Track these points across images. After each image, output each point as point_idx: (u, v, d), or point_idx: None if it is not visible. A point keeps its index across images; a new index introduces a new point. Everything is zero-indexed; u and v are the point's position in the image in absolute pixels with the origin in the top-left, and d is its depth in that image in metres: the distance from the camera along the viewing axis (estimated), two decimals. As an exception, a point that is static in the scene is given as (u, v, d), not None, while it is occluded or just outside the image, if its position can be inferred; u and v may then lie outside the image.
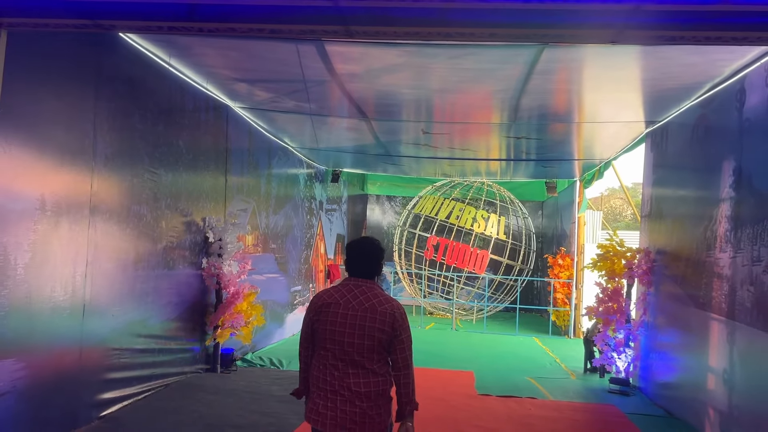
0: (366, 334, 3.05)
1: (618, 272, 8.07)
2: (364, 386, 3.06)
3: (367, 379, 3.07)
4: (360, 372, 3.06)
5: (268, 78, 6.73)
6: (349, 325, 3.07)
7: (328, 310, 3.12)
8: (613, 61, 5.60)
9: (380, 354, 3.10)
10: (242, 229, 8.45)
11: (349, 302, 3.12)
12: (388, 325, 3.07)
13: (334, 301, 3.14)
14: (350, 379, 3.05)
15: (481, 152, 10.86)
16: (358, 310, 3.08)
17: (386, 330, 3.07)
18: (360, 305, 3.10)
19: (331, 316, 3.10)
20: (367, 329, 3.06)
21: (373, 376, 3.08)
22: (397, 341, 3.11)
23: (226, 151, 8.06)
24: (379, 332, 3.06)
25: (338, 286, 3.23)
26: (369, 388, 3.06)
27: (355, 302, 3.11)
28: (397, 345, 3.11)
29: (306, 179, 12.13)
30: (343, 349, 3.06)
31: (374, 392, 3.06)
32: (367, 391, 3.05)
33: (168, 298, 6.62)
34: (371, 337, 3.05)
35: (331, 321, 3.09)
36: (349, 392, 3.04)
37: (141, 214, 5.98)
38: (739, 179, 5.39)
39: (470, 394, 7.31)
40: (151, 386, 6.28)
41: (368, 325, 3.06)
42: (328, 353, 3.10)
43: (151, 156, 6.14)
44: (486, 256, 14.85)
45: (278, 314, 10.45)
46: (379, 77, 6.28)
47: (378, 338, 3.06)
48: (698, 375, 6.09)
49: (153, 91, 6.18)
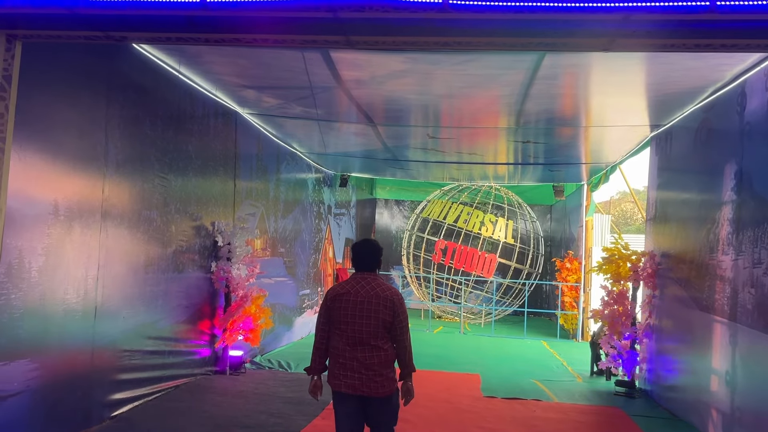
0: (372, 317, 3.76)
1: (623, 275, 8.11)
2: (368, 359, 3.76)
3: (372, 353, 3.76)
4: (366, 347, 3.76)
5: (276, 85, 6.86)
6: (358, 310, 3.78)
7: (341, 299, 3.83)
8: (616, 66, 5.67)
9: (383, 333, 3.78)
10: (251, 233, 8.59)
11: (358, 292, 3.82)
12: (389, 309, 3.79)
13: (345, 292, 3.85)
14: (358, 354, 3.76)
15: (488, 156, 10.94)
16: (365, 298, 3.79)
17: (387, 313, 3.78)
18: (366, 294, 3.80)
19: (344, 303, 3.81)
20: (372, 312, 3.77)
21: (377, 350, 3.77)
22: (397, 321, 3.82)
23: (235, 157, 8.20)
24: (383, 314, 3.77)
25: (348, 280, 3.95)
26: (373, 360, 3.76)
27: (362, 291, 3.82)
28: (396, 325, 3.82)
29: (314, 184, 12.26)
30: (354, 329, 3.77)
31: (377, 363, 3.76)
32: (371, 363, 3.76)
33: (178, 301, 6.75)
34: (376, 319, 3.76)
35: (344, 308, 3.80)
36: (358, 363, 3.76)
37: (151, 218, 6.12)
38: (740, 182, 5.44)
39: (476, 396, 7.38)
40: (162, 387, 6.41)
41: (373, 309, 3.77)
42: (343, 333, 3.80)
43: (161, 162, 6.29)
44: (494, 260, 14.89)
45: (287, 317, 10.57)
46: (385, 83, 6.39)
47: (381, 319, 3.77)
48: (702, 377, 6.12)
49: (163, 98, 6.33)
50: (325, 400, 6.62)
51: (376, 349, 3.77)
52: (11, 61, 3.63)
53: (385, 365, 3.79)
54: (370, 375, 3.75)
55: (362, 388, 3.76)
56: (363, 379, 3.75)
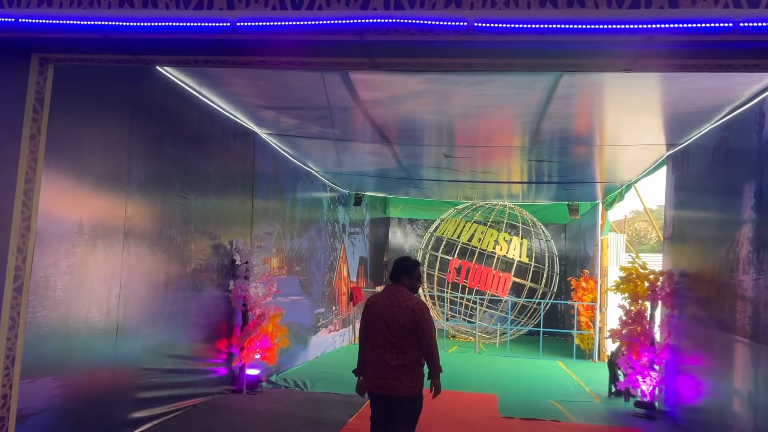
0: (394, 324, 4.25)
1: (641, 294, 8.05)
2: (393, 360, 4.23)
3: (396, 355, 4.24)
4: (388, 351, 4.25)
5: (294, 105, 6.96)
6: (384, 318, 4.30)
7: (371, 308, 4.43)
8: (633, 86, 5.71)
9: (406, 338, 4.22)
10: (268, 252, 8.64)
11: (385, 302, 4.37)
12: (409, 317, 4.24)
13: (376, 301, 4.46)
14: (385, 356, 4.26)
15: (502, 175, 10.98)
16: (391, 307, 4.31)
17: (408, 320, 4.23)
18: (391, 303, 4.33)
19: (372, 311, 4.40)
20: (395, 320, 4.26)
21: (401, 353, 4.23)
22: (420, 329, 4.24)
23: (252, 176, 8.28)
24: (403, 321, 4.23)
25: (381, 291, 4.54)
26: (397, 362, 4.22)
27: (389, 301, 4.36)
28: (420, 332, 4.24)
29: (329, 203, 12.33)
30: (381, 334, 4.28)
31: (400, 365, 4.22)
32: (395, 365, 4.22)
33: (196, 319, 6.79)
34: (398, 325, 4.24)
35: (374, 315, 4.38)
36: (384, 364, 4.24)
37: (171, 237, 6.18)
38: (759, 201, 5.42)
39: (493, 416, 7.32)
40: (180, 406, 6.42)
41: (395, 317, 4.26)
42: (371, 338, 4.35)
43: (182, 181, 6.37)
44: (509, 279, 14.84)
45: (302, 336, 10.57)
46: (402, 103, 6.46)
47: (402, 325, 4.23)
48: (723, 398, 6.05)
49: (184, 119, 6.43)
50: (342, 419, 6.63)
51: (396, 353, 4.22)
52: (44, 84, 3.72)
53: (403, 368, 4.22)
54: (391, 376, 4.23)
55: (384, 387, 4.25)
56: (386, 379, 4.24)
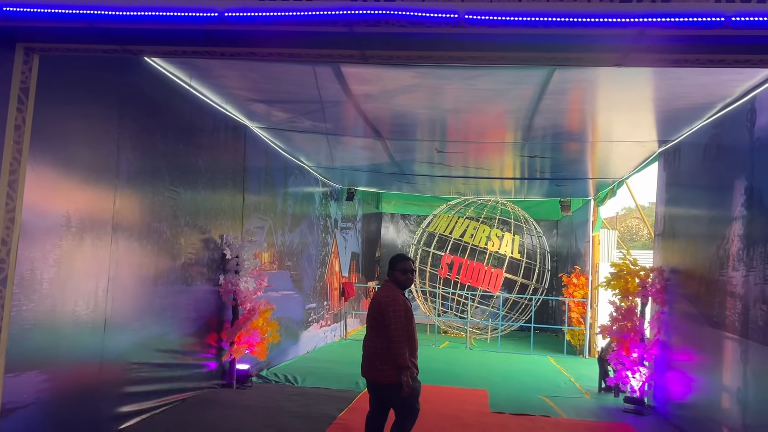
0: (371, 316, 4.82)
1: (632, 291, 8.07)
2: (370, 348, 4.78)
3: (370, 345, 4.78)
4: (369, 341, 4.82)
5: (286, 99, 6.91)
6: (370, 310, 4.87)
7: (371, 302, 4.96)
8: (625, 82, 5.70)
9: (378, 330, 4.70)
10: (259, 246, 8.59)
11: (374, 296, 4.94)
12: (377, 310, 4.74)
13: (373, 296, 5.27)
14: (366, 345, 4.85)
15: (495, 171, 10.96)
16: (372, 301, 4.89)
17: (378, 312, 4.72)
18: (374, 298, 4.90)
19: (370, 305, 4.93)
20: (372, 312, 4.81)
21: (374, 343, 4.74)
22: (385, 320, 4.64)
23: (243, 170, 8.24)
24: (375, 314, 4.76)
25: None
26: (372, 350, 4.76)
27: (375, 295, 4.94)
28: (384, 323, 4.64)
29: (321, 198, 12.29)
30: (368, 326, 4.87)
31: (373, 353, 4.73)
32: (370, 352, 4.77)
33: (186, 313, 6.75)
34: (372, 317, 4.80)
35: (369, 309, 4.92)
36: (369, 353, 4.80)
37: (161, 231, 6.14)
38: (750, 198, 5.43)
39: (483, 411, 7.33)
40: (169, 400, 6.38)
41: (373, 309, 4.82)
42: (366, 330, 4.91)
43: (172, 174, 6.31)
44: (500, 275, 14.86)
45: (293, 331, 10.55)
46: (394, 98, 6.43)
47: (374, 317, 4.77)
48: (712, 394, 6.07)
49: (174, 111, 6.37)
50: (332, 414, 6.61)
51: (371, 343, 4.77)
52: (29, 74, 3.67)
53: (380, 356, 4.67)
54: (373, 364, 4.73)
55: (368, 374, 4.79)
56: (368, 368, 4.79)
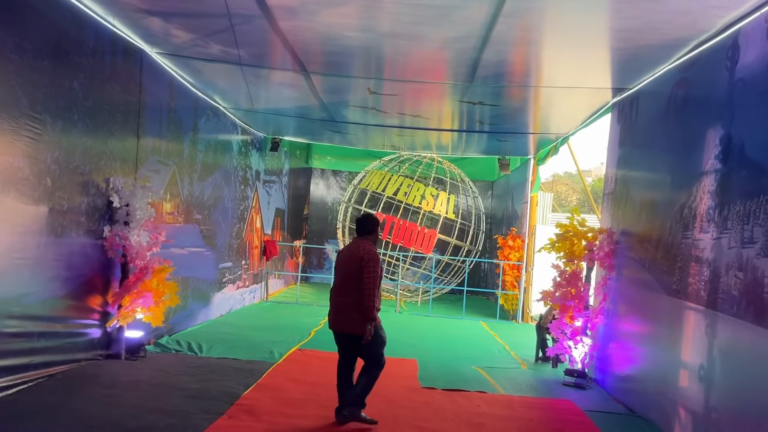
0: (347, 270, 5.02)
1: (577, 254, 7.37)
2: (341, 303, 5.04)
3: (345, 297, 5.00)
4: (341, 294, 5.04)
5: (186, 11, 5.64)
6: (342, 265, 5.11)
7: (338, 257, 5.23)
8: (587, 6, 4.79)
9: (354, 283, 4.93)
10: (156, 194, 7.31)
11: (346, 251, 5.21)
12: (357, 264, 4.95)
13: (341, 250, 5.34)
14: (339, 297, 5.08)
15: (432, 120, 9.99)
16: (347, 256, 5.12)
17: (357, 266, 4.94)
18: (350, 253, 5.12)
19: (337, 259, 5.23)
20: (347, 266, 5.04)
21: (347, 297, 4.98)
22: (363, 274, 4.91)
23: (138, 103, 6.90)
24: (353, 268, 4.96)
25: (349, 242, 5.39)
26: (344, 304, 5.00)
27: (348, 251, 5.18)
28: (362, 276, 4.91)
29: (241, 146, 10.99)
30: (337, 279, 5.14)
31: (346, 307, 4.98)
32: (342, 306, 5.02)
33: (55, 271, 5.50)
34: (349, 272, 5.00)
35: (336, 262, 5.23)
36: (337, 306, 5.08)
37: (15, 167, 4.83)
38: (727, 149, 4.68)
39: (413, 386, 6.50)
40: (27, 378, 5.15)
41: (348, 263, 5.04)
42: (334, 283, 5.21)
43: (32, 97, 4.98)
44: (434, 236, 14.10)
45: (203, 293, 9.38)
46: (319, 13, 5.28)
47: (351, 272, 4.97)
48: (667, 369, 5.44)
49: (37, 16, 5.01)
50: (235, 392, 5.57)
51: (346, 295, 4.97)
52: None
53: (351, 308, 4.92)
54: (343, 316, 5.00)
55: (340, 326, 5.04)
56: (339, 319, 5.03)
